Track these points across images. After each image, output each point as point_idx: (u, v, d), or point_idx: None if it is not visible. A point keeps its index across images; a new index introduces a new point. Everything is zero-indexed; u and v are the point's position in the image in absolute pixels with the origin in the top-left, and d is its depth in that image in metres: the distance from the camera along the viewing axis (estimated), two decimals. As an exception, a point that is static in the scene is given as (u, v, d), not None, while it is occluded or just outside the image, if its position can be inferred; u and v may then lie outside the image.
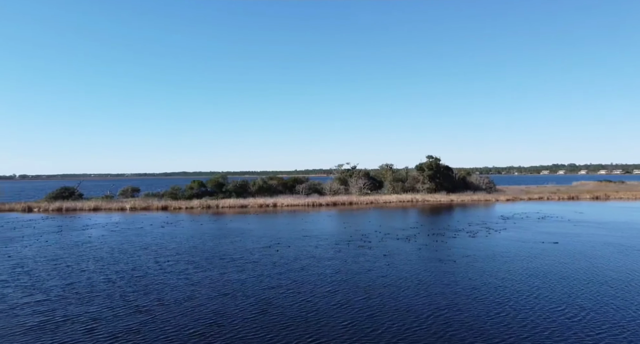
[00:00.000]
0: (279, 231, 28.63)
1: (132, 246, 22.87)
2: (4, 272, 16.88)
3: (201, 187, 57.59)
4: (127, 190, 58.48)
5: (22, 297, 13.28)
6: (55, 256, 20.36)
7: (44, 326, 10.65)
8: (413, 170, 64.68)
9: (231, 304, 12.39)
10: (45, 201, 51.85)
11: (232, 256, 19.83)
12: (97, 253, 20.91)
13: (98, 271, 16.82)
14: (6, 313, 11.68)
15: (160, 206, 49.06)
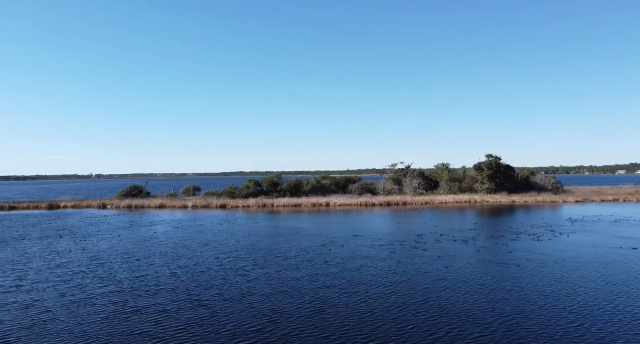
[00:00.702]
0: (332, 230, 28.74)
1: (193, 243, 24.03)
2: (82, 264, 18.42)
3: (257, 186, 59.30)
4: (189, 189, 61.62)
5: (98, 287, 14.41)
6: (126, 250, 21.89)
7: (118, 316, 11.47)
8: (471, 170, 62.14)
9: (287, 302, 12.60)
10: (117, 198, 56.02)
11: (287, 254, 20.20)
12: (162, 248, 22.20)
13: (164, 266, 17.85)
14: (85, 302, 12.72)
15: (219, 204, 51.13)
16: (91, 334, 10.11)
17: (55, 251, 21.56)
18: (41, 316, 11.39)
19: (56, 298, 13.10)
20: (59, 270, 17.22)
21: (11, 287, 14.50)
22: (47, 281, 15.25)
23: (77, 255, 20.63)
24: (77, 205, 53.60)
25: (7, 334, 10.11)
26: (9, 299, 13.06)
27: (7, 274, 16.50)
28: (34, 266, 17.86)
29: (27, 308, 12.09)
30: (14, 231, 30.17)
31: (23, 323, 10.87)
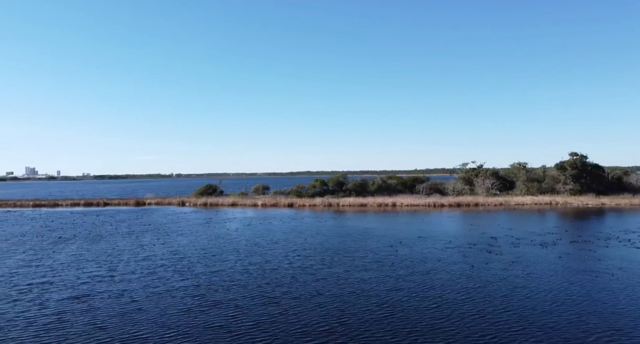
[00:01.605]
0: (399, 231, 28.12)
1: (264, 240, 24.85)
2: (164, 258, 19.84)
3: (323, 186, 59.92)
4: (259, 188, 63.94)
5: (178, 280, 15.41)
6: (202, 246, 23.22)
7: (196, 309, 12.15)
8: (552, 169, 57.42)
9: (356, 303, 12.50)
10: (194, 196, 59.78)
11: (354, 254, 20.10)
12: (235, 245, 23.22)
13: (237, 262, 18.64)
14: (167, 294, 13.65)
15: (286, 203, 52.44)
16: (173, 326, 10.79)
17: (141, 246, 23.46)
18: (130, 306, 12.41)
19: (142, 289, 14.21)
20: (144, 262, 18.70)
21: (105, 277, 16.01)
22: (134, 273, 16.62)
23: (159, 249, 22.27)
24: (159, 202, 58.03)
25: (104, 321, 11.14)
26: (104, 288, 14.42)
27: (102, 265, 18.25)
28: (123, 259, 19.58)
29: (118, 298, 13.26)
30: (108, 225, 33.37)
31: (115, 311, 11.92)
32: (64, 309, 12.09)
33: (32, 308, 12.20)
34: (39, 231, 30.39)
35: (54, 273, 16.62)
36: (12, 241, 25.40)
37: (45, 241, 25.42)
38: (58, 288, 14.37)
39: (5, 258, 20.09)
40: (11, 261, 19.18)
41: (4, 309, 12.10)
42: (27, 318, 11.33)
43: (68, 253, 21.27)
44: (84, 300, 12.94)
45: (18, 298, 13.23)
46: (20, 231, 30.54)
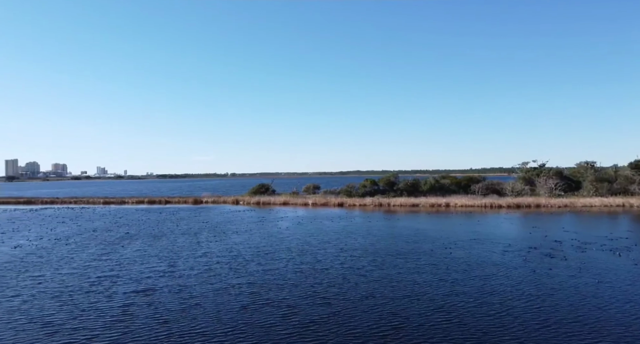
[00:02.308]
0: (454, 232, 27.13)
1: (315, 239, 25.00)
2: (220, 255, 20.55)
3: (373, 185, 59.32)
4: (309, 187, 64.57)
5: (234, 278, 15.88)
6: (256, 244, 23.80)
7: (251, 306, 12.43)
8: (625, 169, 52.83)
9: (410, 307, 12.18)
10: (247, 195, 61.59)
11: (407, 256, 19.66)
12: (287, 244, 23.56)
13: (289, 261, 18.89)
14: (224, 291, 14.09)
15: (337, 202, 52.51)
16: (229, 322, 11.11)
17: (198, 243, 24.49)
18: (189, 301, 12.96)
19: (200, 285, 14.79)
20: (202, 259, 19.48)
21: (166, 272, 16.86)
22: (192, 269, 17.36)
23: (216, 246, 23.11)
24: (215, 201, 60.38)
25: (165, 315, 11.72)
26: (165, 283, 15.18)
27: (163, 261, 19.24)
28: (182, 255, 20.52)
29: (178, 293, 13.89)
30: (169, 223, 35.21)
31: (176, 306, 12.50)
32: (129, 301, 12.87)
33: (102, 299, 13.11)
34: (108, 226, 32.70)
35: (120, 267, 17.77)
36: (85, 236, 27.52)
37: (114, 236, 27.29)
38: (124, 282, 15.33)
39: (79, 251, 21.79)
40: (84, 255, 20.77)
41: (78, 300, 13.09)
42: (97, 309, 12.19)
43: (133, 248, 22.67)
44: (147, 294, 13.70)
45: (90, 289, 14.28)
46: (92, 226, 33.04)
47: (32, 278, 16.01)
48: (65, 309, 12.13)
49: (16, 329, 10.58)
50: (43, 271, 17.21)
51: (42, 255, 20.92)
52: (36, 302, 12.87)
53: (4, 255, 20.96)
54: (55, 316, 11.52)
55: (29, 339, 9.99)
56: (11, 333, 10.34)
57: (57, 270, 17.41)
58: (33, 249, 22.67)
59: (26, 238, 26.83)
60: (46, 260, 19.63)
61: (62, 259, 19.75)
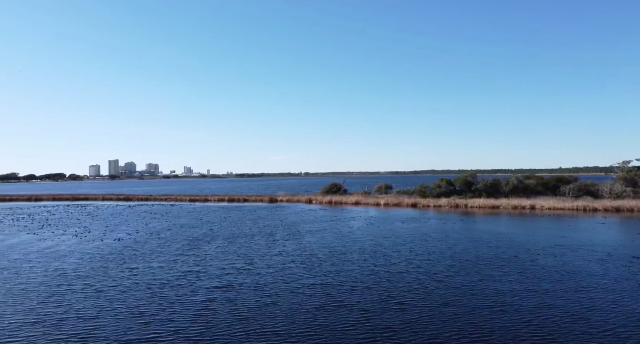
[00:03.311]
0: (541, 237, 24.92)
1: (387, 241, 24.51)
2: (294, 254, 20.96)
3: (449, 186, 56.87)
4: (381, 187, 63.75)
5: (308, 278, 16.06)
6: (329, 243, 23.92)
7: (325, 308, 12.44)
8: None
9: (494, 319, 11.34)
10: (320, 195, 62.45)
11: (488, 261, 18.43)
12: (360, 245, 23.37)
13: (362, 262, 18.69)
14: (298, 291, 14.30)
15: (410, 203, 51.15)
16: (304, 323, 11.21)
17: (274, 241, 25.24)
18: (266, 299, 13.34)
19: (276, 284, 15.18)
20: (278, 257, 20.02)
21: (244, 269, 17.57)
22: (269, 267, 17.89)
23: (290, 245, 23.64)
24: (290, 200, 62.08)
25: (244, 312, 12.17)
26: (243, 280, 15.81)
27: (241, 258, 20.09)
28: (259, 253, 21.27)
29: (256, 290, 14.37)
30: (247, 220, 36.83)
31: (253, 303, 12.93)
32: (211, 296, 13.58)
33: (187, 293, 13.99)
34: (193, 223, 35.08)
35: (204, 263, 18.89)
36: (174, 231, 29.77)
37: (198, 232, 29.17)
38: (207, 277, 16.24)
39: (168, 245, 23.60)
40: (172, 249, 22.43)
41: (167, 293, 14.12)
42: (183, 302, 13.02)
43: (215, 244, 24.01)
44: (227, 290, 14.36)
45: (176, 283, 15.33)
46: (180, 222, 35.68)
47: (129, 269, 17.63)
48: (156, 301, 13.14)
49: (117, 318, 11.67)
50: (137, 263, 18.88)
51: (137, 248, 22.98)
52: (132, 292, 14.11)
53: (107, 247, 23.39)
54: (147, 307, 12.51)
55: (126, 327, 10.94)
56: (112, 321, 11.42)
57: (149, 263, 18.98)
58: (130, 242, 25.01)
59: (125, 232, 29.71)
60: (140, 252, 21.52)
61: (154, 252, 21.51)
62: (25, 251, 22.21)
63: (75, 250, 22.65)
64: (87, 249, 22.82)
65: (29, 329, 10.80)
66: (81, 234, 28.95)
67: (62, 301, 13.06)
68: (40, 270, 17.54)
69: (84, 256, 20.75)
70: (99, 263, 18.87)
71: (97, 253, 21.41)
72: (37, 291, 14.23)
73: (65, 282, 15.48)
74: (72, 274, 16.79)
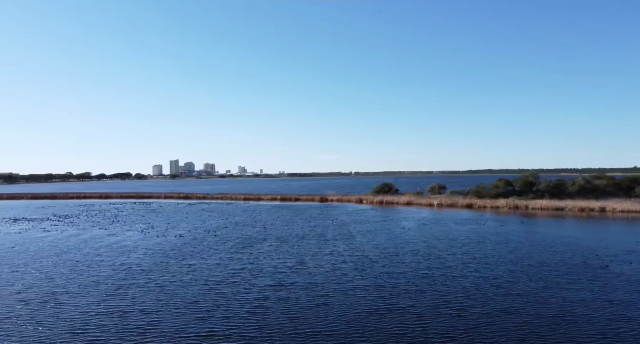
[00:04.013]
0: (614, 242, 22.87)
1: (442, 243, 23.67)
2: (346, 254, 20.81)
3: (508, 186, 54.03)
4: (434, 187, 61.93)
5: (360, 279, 15.85)
6: (381, 245, 23.52)
7: (378, 311, 12.19)
8: None
9: (563, 330, 10.48)
10: (371, 194, 61.82)
11: (553, 267, 17.16)
12: (412, 247, 22.76)
13: (416, 264, 18.15)
14: (350, 293, 14.14)
15: (464, 203, 49.19)
16: (358, 325, 11.02)
17: (325, 240, 25.27)
18: (317, 299, 13.32)
19: (328, 284, 15.12)
20: (329, 257, 19.99)
21: (296, 269, 17.70)
22: (320, 267, 17.90)
23: (341, 245, 23.52)
24: (340, 199, 62.04)
25: (296, 312, 12.23)
26: (296, 279, 15.92)
27: (294, 257, 20.28)
28: (310, 252, 21.37)
29: (307, 290, 14.40)
30: (298, 219, 37.27)
31: (305, 303, 12.96)
32: (264, 295, 13.79)
33: (241, 291, 14.33)
34: (247, 221, 36.06)
35: (257, 261, 19.29)
36: (229, 229, 30.77)
37: (252, 230, 29.92)
38: (260, 275, 16.55)
39: (224, 243, 24.40)
40: (227, 247, 23.16)
41: (222, 290, 14.54)
42: (238, 299, 13.35)
43: (268, 243, 24.48)
44: (279, 289, 14.53)
45: (231, 280, 15.77)
46: (235, 220, 36.83)
47: (187, 265, 18.42)
48: (212, 297, 13.57)
49: (176, 312, 12.19)
50: (195, 259, 19.67)
51: (195, 245, 23.98)
52: (190, 288, 14.70)
53: (168, 243, 24.64)
54: (204, 303, 12.96)
55: (184, 321, 11.39)
56: (171, 315, 11.95)
57: (205, 259, 19.70)
58: (189, 239, 26.16)
59: (185, 229, 31.16)
60: (198, 249, 22.43)
61: (210, 250, 22.33)
62: (96, 246, 23.96)
63: (139, 245, 24.07)
64: (150, 245, 24.17)
65: (98, 319, 11.57)
66: (145, 230, 30.74)
67: (126, 294, 13.89)
68: (108, 264, 18.80)
69: (147, 251, 21.99)
70: (160, 259, 19.90)
71: (159, 249, 22.60)
72: (106, 284, 15.25)
73: (130, 276, 16.47)
74: (136, 268, 17.84)
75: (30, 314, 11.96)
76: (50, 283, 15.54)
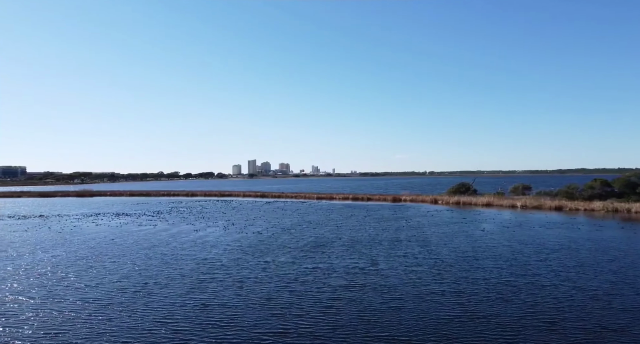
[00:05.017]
0: None
1: (526, 248, 21.86)
2: (420, 255, 20.06)
3: (605, 187, 48.57)
4: (517, 188, 57.71)
5: (436, 283, 15.12)
6: (458, 247, 22.34)
7: (457, 319, 11.52)
8: None
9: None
10: (446, 195, 59.35)
11: (666, 282, 14.97)
12: (493, 251, 21.30)
13: (498, 271, 16.92)
14: (426, 297, 13.53)
15: (553, 205, 45.13)
16: (436, 334, 10.41)
17: (399, 241, 24.64)
18: (391, 303, 12.94)
19: (402, 287, 14.63)
20: (403, 259, 19.41)
21: (368, 270, 17.42)
22: (394, 269, 17.42)
23: (416, 247, 22.71)
24: (414, 199, 60.38)
25: (369, 314, 12.00)
26: (369, 280, 15.65)
27: (366, 257, 20.02)
28: (383, 253, 20.95)
29: (381, 293, 14.06)
30: (371, 219, 36.89)
31: (378, 306, 12.65)
32: (336, 295, 13.72)
33: (313, 289, 14.41)
34: (321, 220, 36.49)
35: (329, 260, 19.35)
36: (303, 227, 31.36)
37: (325, 229, 30.18)
38: (332, 275, 16.53)
39: (297, 241, 24.88)
40: (301, 245, 23.57)
41: (295, 288, 14.76)
42: (310, 298, 13.42)
43: (340, 242, 24.49)
44: (351, 289, 14.38)
45: (304, 279, 15.95)
46: (308, 219, 37.47)
47: (264, 262, 19.04)
48: (286, 295, 13.82)
49: (252, 308, 12.61)
50: (270, 256, 20.28)
51: (271, 242, 24.77)
52: (265, 285, 15.14)
53: (246, 240, 25.76)
54: (278, 301, 13.22)
55: (260, 318, 11.72)
56: (248, 311, 12.37)
57: (279, 257, 20.22)
58: (265, 236, 27.11)
59: (262, 226, 32.37)
60: (274, 246, 23.13)
61: (285, 247, 22.90)
62: (182, 240, 25.80)
63: (220, 241, 25.46)
64: (229, 241, 25.46)
65: (183, 310, 12.36)
66: (226, 227, 32.48)
67: (206, 289, 14.68)
68: (192, 258, 20.10)
69: (227, 247, 23.16)
70: (238, 255, 20.83)
71: (238, 246, 23.69)
72: (190, 277, 16.28)
73: (211, 271, 17.43)
74: (216, 263, 18.84)
75: (126, 302, 13.14)
76: (143, 273, 16.99)
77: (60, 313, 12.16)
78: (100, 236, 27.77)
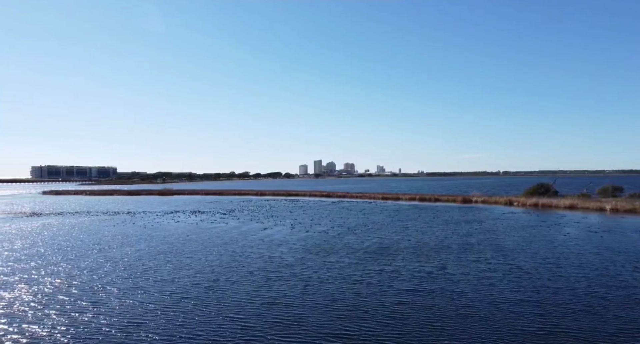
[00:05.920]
0: None
1: (618, 256, 19.60)
2: (493, 260, 18.81)
3: None
4: (607, 189, 52.32)
5: (512, 291, 14.08)
6: (536, 253, 20.63)
7: (533, 332, 10.59)
8: None
9: None
10: (523, 196, 55.41)
11: None
12: (578, 259, 19.39)
13: (583, 280, 15.37)
14: (499, 306, 12.64)
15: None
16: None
17: (469, 245, 23.38)
18: (463, 310, 12.21)
19: (473, 293, 13.79)
20: (474, 264, 18.32)
21: (437, 273, 16.72)
22: (464, 274, 16.51)
23: (489, 252, 21.36)
24: (485, 201, 57.15)
25: (434, 321, 11.46)
26: (435, 284, 15.00)
27: (433, 260, 19.23)
28: (453, 257, 20.00)
29: (451, 298, 13.37)
30: (439, 221, 35.53)
31: (446, 312, 12.03)
32: (401, 299, 13.29)
33: (378, 293, 14.07)
34: (387, 220, 35.87)
35: (394, 263, 18.86)
36: (368, 228, 31.02)
37: (391, 230, 29.56)
38: (397, 278, 16.07)
39: (362, 242, 24.65)
40: (365, 246, 23.31)
41: (359, 290, 14.57)
42: (375, 302, 13.12)
43: (406, 244, 23.83)
44: (418, 294, 13.88)
45: (368, 281, 15.69)
46: (373, 219, 37.01)
47: (328, 262, 19.07)
48: (350, 297, 13.67)
49: (316, 308, 12.66)
50: (334, 257, 20.25)
51: (336, 242, 24.79)
52: (329, 285, 15.13)
53: (312, 239, 26.05)
54: (342, 302, 13.12)
55: (323, 319, 11.71)
56: (312, 310, 12.43)
57: (343, 258, 20.13)
58: (330, 236, 27.20)
59: (327, 226, 32.56)
60: (339, 247, 23.11)
61: (349, 248, 22.78)
62: (251, 238, 26.76)
63: (287, 239, 26.02)
64: (295, 239, 25.92)
65: (251, 307, 12.75)
66: (293, 225, 33.16)
67: (273, 287, 15.01)
68: (260, 256, 20.72)
69: (293, 246, 23.58)
70: (303, 254, 21.11)
71: (303, 245, 24.03)
72: (258, 275, 16.78)
73: (277, 269, 17.82)
74: (282, 262, 19.24)
75: (200, 297, 13.86)
76: (215, 269, 17.85)
77: (142, 303, 13.15)
78: (178, 233, 29.72)
